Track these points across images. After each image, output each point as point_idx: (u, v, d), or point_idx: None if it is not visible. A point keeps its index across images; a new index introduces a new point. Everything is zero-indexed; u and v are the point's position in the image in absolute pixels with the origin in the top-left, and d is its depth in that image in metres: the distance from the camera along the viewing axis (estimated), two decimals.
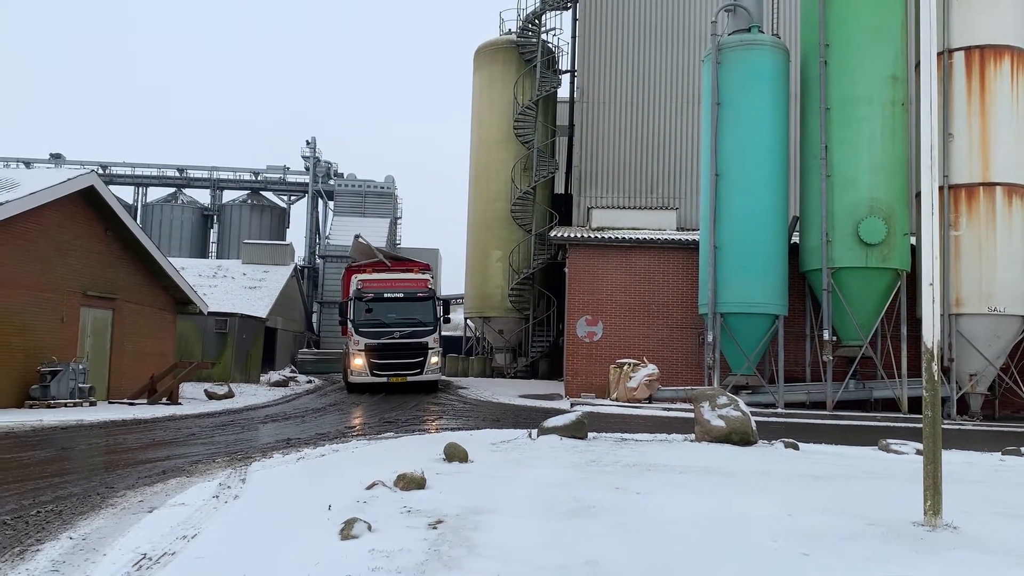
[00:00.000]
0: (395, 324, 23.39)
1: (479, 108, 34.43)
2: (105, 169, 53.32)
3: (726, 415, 11.29)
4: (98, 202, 20.07)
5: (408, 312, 23.64)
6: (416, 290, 23.99)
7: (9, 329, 17.38)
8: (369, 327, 23.32)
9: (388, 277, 24.34)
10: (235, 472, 8.54)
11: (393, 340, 23.13)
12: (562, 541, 5.48)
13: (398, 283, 24.12)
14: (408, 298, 23.82)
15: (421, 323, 23.56)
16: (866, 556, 5.27)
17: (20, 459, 10.27)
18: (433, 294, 24.20)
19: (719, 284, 20.55)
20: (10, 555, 5.33)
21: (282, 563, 4.94)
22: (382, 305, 23.63)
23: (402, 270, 24.83)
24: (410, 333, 23.32)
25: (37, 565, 5.07)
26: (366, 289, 23.83)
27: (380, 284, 24.02)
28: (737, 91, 20.85)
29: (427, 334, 23.45)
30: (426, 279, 24.36)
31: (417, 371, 23.18)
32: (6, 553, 5.38)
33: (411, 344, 23.22)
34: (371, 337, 23.16)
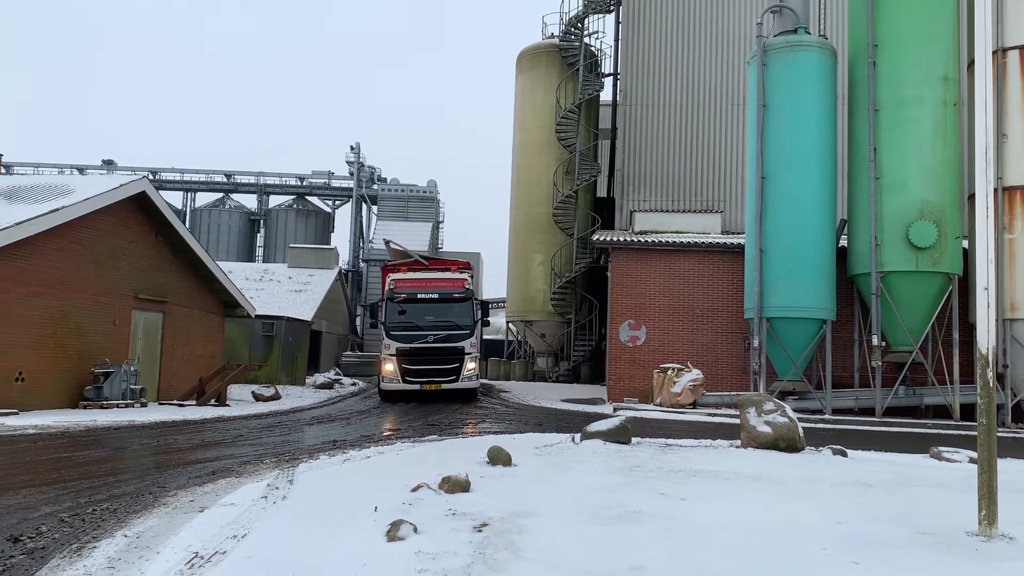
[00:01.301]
0: (429, 327, 21.64)
1: (521, 112, 34.51)
2: (155, 175, 54.52)
3: (773, 421, 11.14)
4: (149, 207, 20.54)
5: (444, 314, 21.87)
6: (452, 290, 22.25)
7: (64, 331, 17.86)
8: (401, 330, 21.69)
9: (423, 276, 22.69)
10: (283, 473, 8.67)
11: (426, 344, 21.44)
12: (607, 546, 5.46)
13: (433, 283, 22.45)
14: (444, 299, 22.07)
15: (457, 326, 21.73)
16: (918, 566, 5.18)
17: (75, 458, 10.54)
18: (471, 295, 22.41)
19: (765, 288, 20.31)
20: (68, 552, 5.48)
21: (329, 563, 5.00)
22: (416, 307, 21.95)
23: (439, 269, 23.28)
24: (445, 337, 21.53)
25: (94, 562, 5.20)
26: (399, 289, 22.21)
27: (414, 284, 22.37)
28: (783, 93, 20.60)
29: (463, 338, 21.67)
30: (464, 279, 22.56)
31: (452, 378, 21.39)
32: (64, 550, 5.53)
33: (446, 349, 21.47)
34: (403, 341, 21.54)
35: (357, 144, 56.68)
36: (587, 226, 31.45)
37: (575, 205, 31.73)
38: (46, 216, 16.83)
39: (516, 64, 35.19)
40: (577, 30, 32.33)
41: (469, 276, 22.83)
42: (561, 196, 31.63)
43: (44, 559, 5.31)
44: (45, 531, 6.08)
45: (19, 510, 6.89)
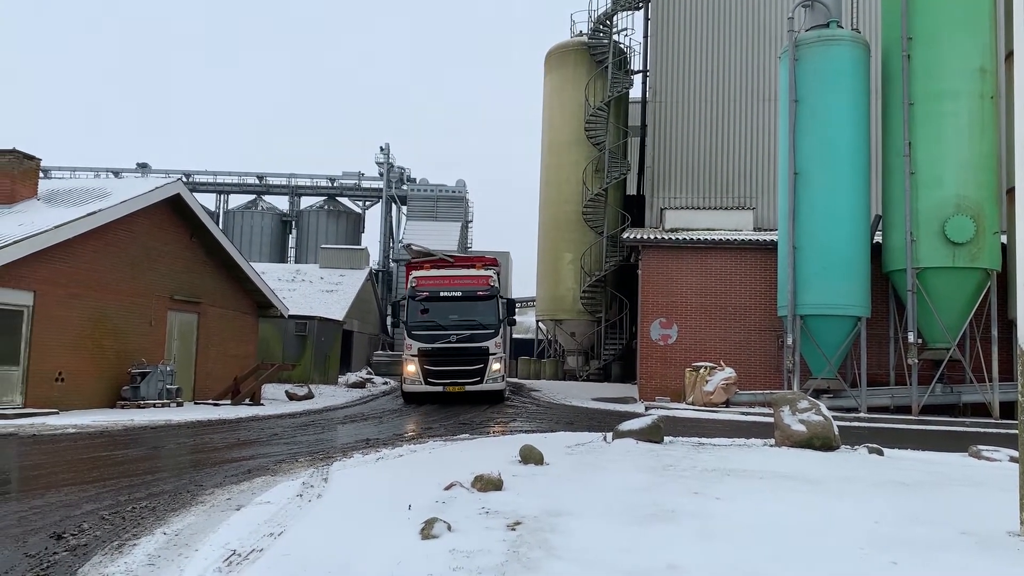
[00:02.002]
0: (452, 326, 20.81)
1: (550, 110, 34.49)
2: (188, 177, 55.21)
3: (807, 419, 11.02)
4: (184, 209, 20.82)
5: (467, 313, 21.02)
6: (476, 288, 21.30)
7: (102, 331, 18.16)
8: (423, 329, 20.89)
9: (446, 274, 21.83)
10: (317, 471, 8.74)
11: (449, 344, 20.62)
12: (641, 545, 5.44)
13: (457, 280, 21.56)
14: (467, 297, 21.18)
15: (481, 325, 20.85)
16: (959, 566, 5.09)
17: (114, 457, 10.72)
18: (496, 292, 21.40)
19: (798, 285, 20.11)
20: (109, 548, 5.57)
21: (365, 561, 5.03)
22: (438, 305, 21.10)
23: (464, 266, 22.45)
24: (468, 336, 20.70)
25: (134, 559, 5.29)
26: (421, 287, 21.38)
27: (436, 282, 21.49)
28: (816, 88, 20.38)
29: (488, 337, 20.77)
30: (488, 276, 21.61)
31: (476, 379, 20.55)
32: (106, 546, 5.63)
33: (469, 349, 20.62)
34: (425, 341, 20.75)
35: (387, 145, 57.00)
36: (617, 224, 31.34)
37: (605, 203, 31.64)
38: (84, 219, 17.14)
39: (544, 63, 35.16)
40: (606, 27, 32.24)
41: (494, 273, 21.94)
42: (590, 194, 31.55)
43: (87, 556, 5.41)
44: (87, 528, 6.20)
45: (61, 508, 7.02)
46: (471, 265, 22.38)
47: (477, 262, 22.58)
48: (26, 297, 16.15)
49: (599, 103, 31.61)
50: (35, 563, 5.26)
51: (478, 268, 22.01)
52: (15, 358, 16.01)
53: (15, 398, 15.98)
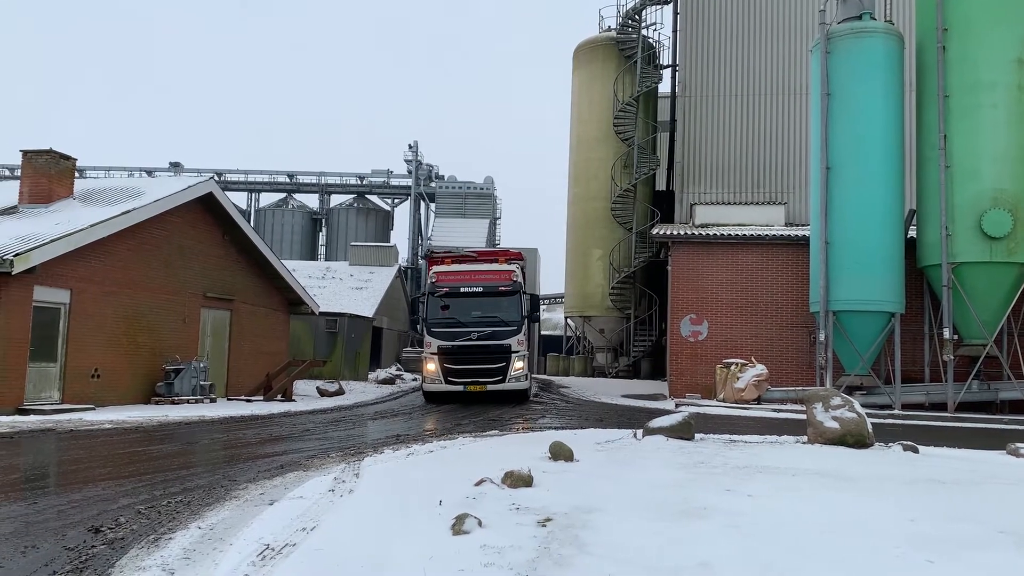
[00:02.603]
0: (473, 323, 20.04)
1: (578, 106, 34.40)
2: (220, 176, 55.86)
3: (840, 416, 10.89)
4: (216, 208, 21.06)
5: (489, 309, 20.22)
6: (498, 283, 20.44)
7: (137, 329, 18.44)
8: (442, 327, 20.15)
9: (466, 269, 21.07)
10: (349, 467, 8.81)
11: (470, 342, 19.83)
12: (673, 542, 5.41)
13: (478, 276, 20.74)
14: (489, 293, 20.34)
15: (503, 322, 20.05)
16: (997, 565, 5.01)
17: (150, 452, 10.89)
18: (519, 288, 20.48)
19: (831, 281, 19.87)
20: (146, 542, 5.66)
21: (396, 556, 5.06)
22: (459, 301, 20.33)
23: (487, 261, 21.67)
24: (490, 334, 19.89)
25: (170, 553, 5.36)
26: (440, 283, 20.58)
27: (457, 277, 20.69)
28: (848, 81, 20.10)
29: (510, 335, 19.95)
30: (511, 271, 20.74)
31: (498, 378, 19.80)
32: (142, 540, 5.71)
33: (491, 347, 19.83)
34: (445, 338, 20.01)
35: (415, 143, 57.27)
36: (646, 220, 31.19)
37: (634, 199, 31.49)
38: (118, 218, 17.41)
39: (573, 58, 35.06)
40: (634, 22, 32.06)
41: (518, 268, 21.14)
42: (619, 190, 31.42)
43: (124, 549, 5.49)
44: (124, 522, 6.30)
45: (99, 502, 7.14)
46: (494, 260, 21.64)
47: (501, 256, 21.84)
48: (63, 295, 16.44)
49: (628, 98, 31.45)
50: (74, 556, 5.35)
51: (501, 263, 21.30)
52: (53, 355, 16.31)
53: (53, 394, 16.28)
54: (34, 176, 18.89)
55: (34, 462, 10.41)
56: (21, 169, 19.34)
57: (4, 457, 10.41)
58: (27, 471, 9.68)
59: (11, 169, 52.03)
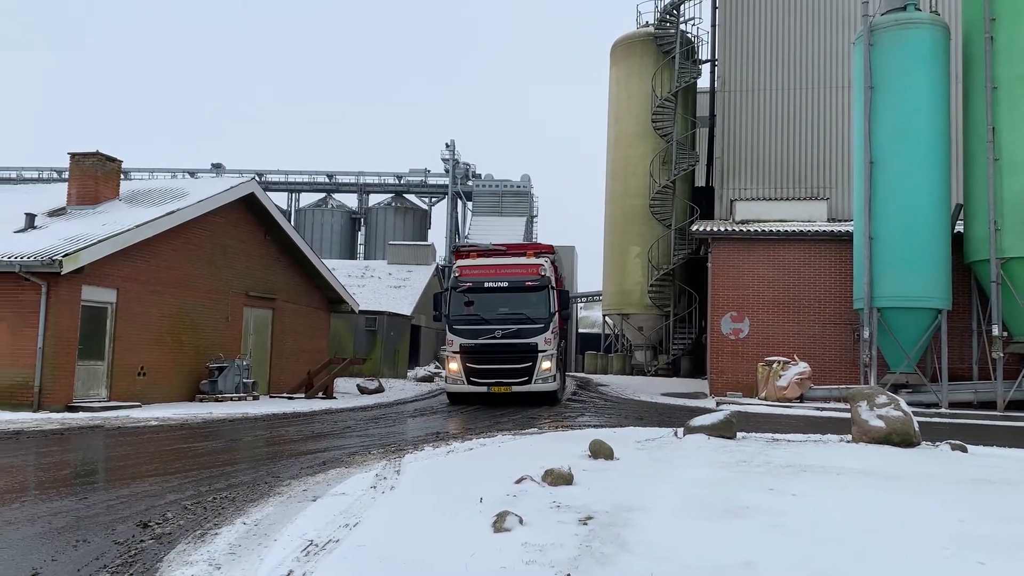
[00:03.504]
0: (497, 320, 18.87)
1: (616, 103, 34.22)
2: (261, 177, 56.57)
3: (886, 415, 10.70)
4: (258, 208, 21.34)
5: (514, 305, 19.01)
6: (524, 278, 19.17)
7: (182, 327, 18.76)
8: (465, 324, 19.06)
9: (491, 263, 19.87)
10: (390, 464, 8.87)
11: (493, 340, 18.71)
12: (715, 541, 5.36)
13: (503, 270, 19.53)
14: (514, 288, 19.12)
15: (530, 319, 18.81)
16: None
17: (195, 449, 11.07)
18: (548, 283, 19.18)
19: (875, 277, 19.53)
20: (192, 537, 5.75)
21: (438, 553, 5.08)
22: (482, 297, 19.16)
23: (515, 254, 20.36)
24: (515, 332, 18.72)
25: (216, 548, 5.44)
26: (464, 277, 19.49)
27: (481, 271, 19.52)
28: (892, 73, 19.73)
29: (537, 333, 18.71)
30: (538, 264, 19.44)
31: (524, 379, 18.67)
32: (189, 535, 5.81)
33: (516, 346, 18.67)
34: (467, 336, 18.95)
35: (452, 141, 57.46)
36: (685, 217, 30.93)
37: (672, 196, 31.24)
38: (163, 218, 17.71)
39: (610, 55, 34.89)
40: (672, 17, 31.81)
41: (548, 261, 19.83)
42: (658, 187, 31.20)
43: (171, 544, 5.59)
44: (171, 517, 6.41)
45: (146, 497, 7.28)
46: (522, 253, 20.33)
47: (529, 250, 20.60)
48: (110, 294, 16.79)
49: (666, 94, 31.20)
50: (123, 550, 5.46)
51: (529, 256, 20.00)
52: (100, 353, 16.66)
53: (101, 391, 16.64)
54: (81, 178, 19.30)
55: (84, 458, 10.64)
56: (69, 171, 19.77)
57: (55, 453, 10.67)
58: (77, 467, 9.91)
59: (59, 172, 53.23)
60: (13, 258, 15.33)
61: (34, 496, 7.56)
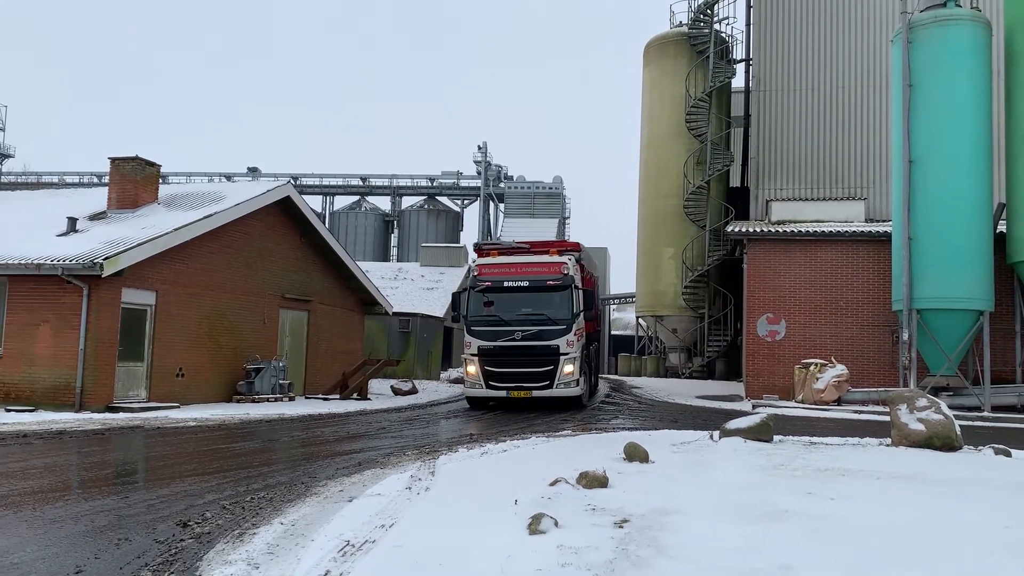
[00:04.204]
0: (517, 322, 18.05)
1: (649, 103, 34.05)
2: (296, 180, 57.18)
3: (926, 418, 10.51)
4: (293, 211, 21.56)
5: (535, 305, 18.14)
6: (546, 277, 18.28)
7: (220, 329, 19.00)
8: (483, 325, 18.26)
9: (512, 261, 18.94)
10: (424, 465, 8.90)
11: (513, 342, 17.91)
12: (753, 545, 5.31)
13: (524, 268, 18.61)
14: (535, 287, 18.23)
15: (551, 320, 17.93)
16: None
17: (233, 449, 11.21)
18: (570, 282, 18.20)
19: (915, 278, 19.20)
20: (231, 537, 5.82)
21: (474, 554, 5.08)
22: (502, 297, 18.32)
23: (537, 252, 19.30)
24: (535, 334, 17.86)
25: (255, 547, 5.51)
26: (482, 276, 18.65)
27: (500, 270, 18.66)
28: (932, 71, 19.38)
29: (559, 334, 17.84)
30: (561, 263, 18.45)
31: (545, 383, 17.85)
32: (228, 535, 5.88)
33: (536, 348, 17.84)
34: (485, 338, 18.16)
35: (484, 144, 57.64)
36: (720, 217, 30.68)
37: (707, 196, 31.01)
38: (201, 221, 17.96)
39: (643, 55, 34.73)
40: (706, 17, 31.59)
41: (572, 260, 18.79)
42: (692, 187, 30.98)
43: (210, 543, 5.66)
44: (210, 517, 6.49)
45: (185, 497, 7.38)
46: (545, 251, 19.30)
47: (553, 248, 19.51)
48: (149, 296, 17.06)
49: (700, 94, 30.98)
50: (164, 549, 5.54)
51: (552, 254, 18.97)
52: (140, 355, 16.94)
53: (140, 392, 16.91)
54: (121, 182, 19.64)
55: (124, 458, 10.83)
56: (109, 175, 20.12)
57: (97, 453, 10.87)
58: (118, 466, 10.09)
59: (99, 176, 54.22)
60: (56, 261, 15.65)
61: (77, 495, 7.71)
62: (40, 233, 17.85)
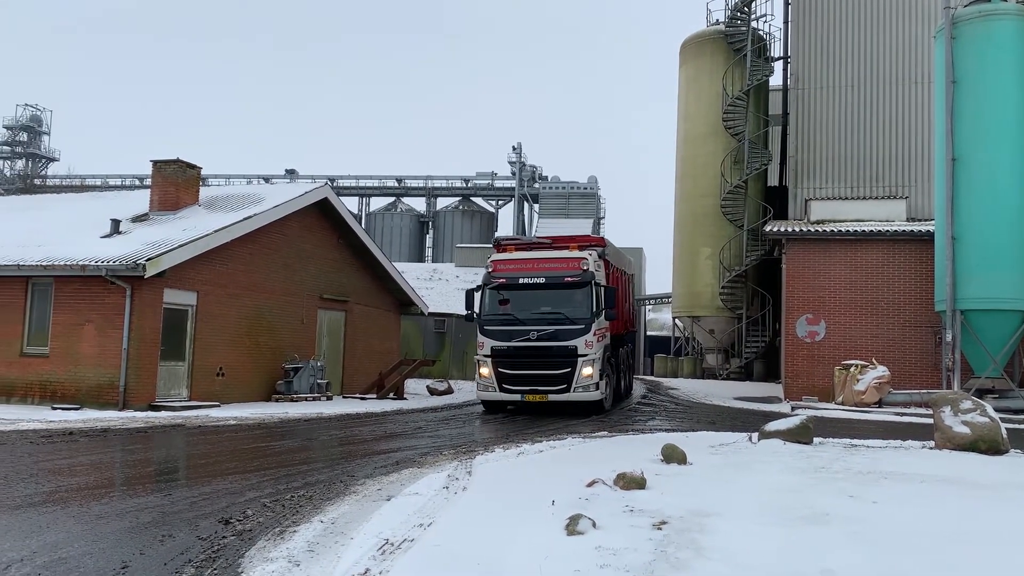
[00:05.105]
0: (532, 321, 16.95)
1: (685, 102, 33.81)
2: (333, 182, 57.65)
3: (971, 421, 10.31)
4: (331, 212, 21.76)
5: (552, 303, 17.04)
6: (563, 273, 17.12)
7: (259, 329, 19.25)
8: (496, 324, 17.21)
9: (528, 257, 17.93)
10: (461, 465, 8.94)
11: (527, 343, 16.80)
12: (794, 548, 5.25)
13: (541, 264, 17.55)
14: (552, 284, 17.10)
15: (568, 319, 16.77)
16: None
17: (272, 448, 11.35)
18: (590, 279, 16.98)
19: (958, 278, 18.83)
20: (272, 534, 5.90)
21: (512, 554, 5.10)
22: (516, 294, 17.26)
23: (558, 247, 18.27)
24: (551, 334, 16.71)
25: (295, 545, 5.57)
26: (497, 272, 17.58)
27: (516, 266, 17.60)
28: (975, 67, 19.00)
29: (577, 334, 16.64)
30: (581, 258, 17.27)
31: (562, 387, 16.62)
32: (269, 532, 5.96)
33: (552, 349, 16.67)
34: (499, 338, 17.10)
35: (519, 144, 57.73)
36: (758, 217, 30.35)
37: (744, 195, 30.69)
38: (241, 223, 18.21)
39: (679, 53, 34.50)
40: (743, 14, 31.28)
41: (594, 255, 17.62)
42: (729, 187, 30.68)
43: (252, 540, 5.74)
44: (251, 515, 6.58)
45: (227, 495, 7.49)
46: (565, 246, 18.24)
47: (574, 243, 18.40)
48: (190, 297, 17.34)
49: (737, 92, 30.67)
50: (207, 546, 5.63)
51: (572, 249, 17.89)
52: (181, 354, 17.21)
53: (182, 391, 17.19)
54: (163, 184, 19.97)
55: (167, 456, 11.01)
56: (151, 178, 20.47)
57: (140, 451, 11.07)
58: (161, 464, 10.26)
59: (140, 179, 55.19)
60: (100, 262, 15.97)
61: (122, 492, 7.86)
62: (85, 235, 18.23)
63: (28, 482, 8.03)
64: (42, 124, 65.95)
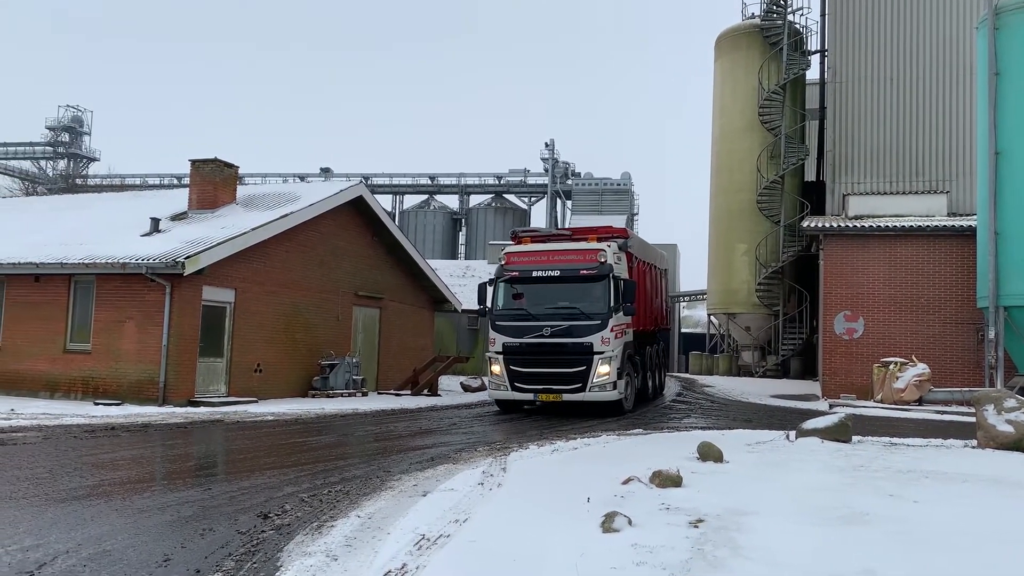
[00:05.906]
0: (546, 316, 16.18)
1: (721, 97, 33.51)
2: (367, 180, 57.99)
3: (1015, 420, 10.11)
4: (366, 210, 21.91)
5: (567, 298, 16.25)
6: (579, 266, 16.33)
7: (296, 326, 19.45)
8: (509, 320, 16.51)
9: (544, 249, 17.11)
10: (496, 461, 8.96)
11: (540, 339, 16.06)
12: (832, 548, 5.19)
13: (556, 257, 16.71)
14: (567, 278, 16.33)
15: (584, 314, 15.96)
16: None
17: (309, 443, 11.46)
18: (608, 271, 16.10)
19: (1001, 274, 18.45)
20: (310, 529, 5.96)
21: (548, 551, 5.10)
22: (530, 288, 16.55)
23: (577, 239, 17.38)
24: (566, 330, 15.97)
25: (333, 540, 5.63)
26: (510, 265, 16.85)
27: (531, 259, 16.82)
28: (1020, 58, 18.58)
29: (593, 330, 15.83)
30: (598, 250, 16.42)
31: (576, 386, 15.84)
32: (307, 527, 6.02)
33: (566, 346, 15.95)
34: (511, 334, 16.37)
35: (551, 140, 57.50)
36: (795, 212, 30.01)
37: (781, 190, 30.35)
38: (277, 221, 18.40)
39: (715, 48, 34.19)
40: (779, 8, 30.92)
41: (613, 247, 16.68)
42: (766, 182, 30.36)
43: (290, 535, 5.81)
44: (289, 509, 6.66)
45: (265, 490, 7.58)
46: (583, 237, 17.37)
47: (594, 234, 17.43)
48: (228, 294, 17.56)
49: (774, 86, 30.32)
50: (246, 540, 5.71)
51: (590, 240, 17.00)
52: (220, 351, 17.45)
53: (220, 387, 17.43)
54: (201, 183, 20.23)
55: (206, 451, 11.18)
56: (190, 177, 20.75)
57: (180, 446, 11.25)
58: (201, 459, 10.42)
59: (178, 178, 56.02)
60: (140, 260, 16.23)
61: (163, 486, 8.01)
62: (125, 234, 18.55)
63: (73, 476, 8.20)
64: (83, 124, 67.14)
